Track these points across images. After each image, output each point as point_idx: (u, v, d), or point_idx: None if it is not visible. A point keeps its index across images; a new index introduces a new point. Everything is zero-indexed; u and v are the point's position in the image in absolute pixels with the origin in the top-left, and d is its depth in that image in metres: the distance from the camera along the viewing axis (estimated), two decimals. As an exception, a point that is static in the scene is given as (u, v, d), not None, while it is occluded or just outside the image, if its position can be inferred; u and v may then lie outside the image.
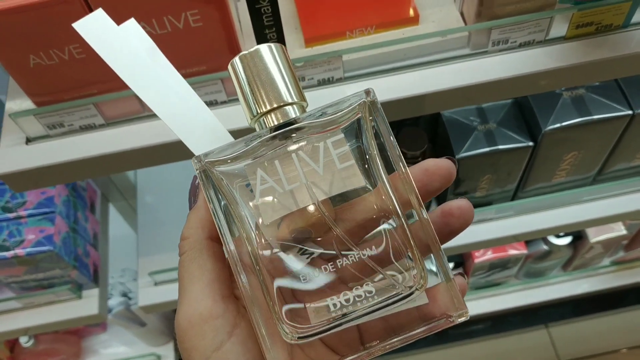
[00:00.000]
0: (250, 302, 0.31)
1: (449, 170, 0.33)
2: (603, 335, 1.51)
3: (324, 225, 0.32)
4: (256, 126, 0.34)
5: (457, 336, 1.49)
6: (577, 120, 0.80)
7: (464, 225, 0.33)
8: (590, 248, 1.23)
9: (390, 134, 0.33)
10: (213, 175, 0.32)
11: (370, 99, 0.33)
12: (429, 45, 0.62)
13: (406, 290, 0.31)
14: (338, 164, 0.32)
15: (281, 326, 0.31)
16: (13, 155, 0.61)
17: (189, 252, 0.33)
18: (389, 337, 0.32)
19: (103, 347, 1.35)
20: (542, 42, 0.62)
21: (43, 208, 0.87)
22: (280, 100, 0.33)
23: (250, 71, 0.33)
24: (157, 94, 0.34)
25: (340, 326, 0.31)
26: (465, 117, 0.84)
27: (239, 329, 0.33)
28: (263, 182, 0.32)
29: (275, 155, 0.32)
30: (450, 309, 0.32)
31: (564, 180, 0.93)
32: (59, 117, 0.60)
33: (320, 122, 0.32)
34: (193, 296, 0.32)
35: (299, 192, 0.32)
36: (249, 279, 0.32)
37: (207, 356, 0.32)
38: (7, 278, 0.90)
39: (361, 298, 0.31)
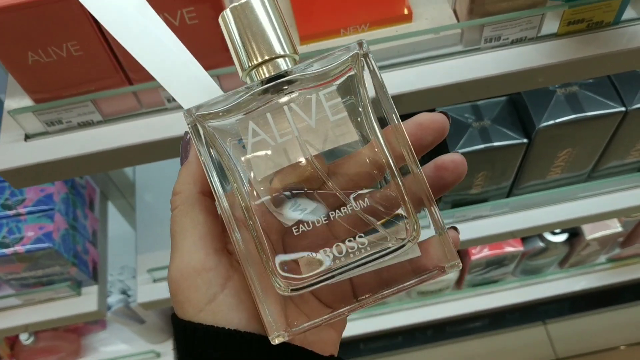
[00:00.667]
0: (243, 256, 0.31)
1: (442, 124, 0.33)
2: (600, 332, 1.52)
3: (317, 180, 0.32)
4: (247, 80, 0.33)
5: (454, 333, 1.50)
6: (571, 117, 0.81)
7: (457, 179, 0.33)
8: (587, 245, 1.24)
9: (383, 86, 0.33)
10: (205, 129, 0.32)
11: (363, 50, 0.33)
12: (422, 42, 0.62)
13: (399, 242, 0.31)
14: (331, 117, 0.32)
15: (274, 279, 0.31)
16: (12, 151, 0.62)
17: (181, 207, 0.33)
18: (382, 290, 0.32)
19: (103, 345, 1.36)
20: (534, 39, 0.63)
21: (42, 205, 0.88)
22: (272, 53, 0.32)
23: (242, 23, 0.32)
24: (146, 48, 0.34)
25: (333, 278, 0.31)
26: (459, 114, 0.85)
27: (231, 281, 0.33)
28: (255, 135, 0.32)
29: (267, 109, 0.32)
30: (442, 261, 0.32)
31: (559, 177, 0.93)
32: (57, 114, 0.61)
33: (312, 75, 0.32)
34: (185, 249, 0.32)
35: (292, 147, 0.32)
36: (242, 233, 0.32)
37: (200, 308, 0.32)
38: (6, 275, 0.91)
39: (354, 250, 0.31)
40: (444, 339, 1.50)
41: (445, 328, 1.49)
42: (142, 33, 0.34)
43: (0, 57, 0.55)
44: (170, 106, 0.62)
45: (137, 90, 0.60)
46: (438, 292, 1.34)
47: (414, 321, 1.39)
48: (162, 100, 0.61)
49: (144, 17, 0.35)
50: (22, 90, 0.63)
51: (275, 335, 0.31)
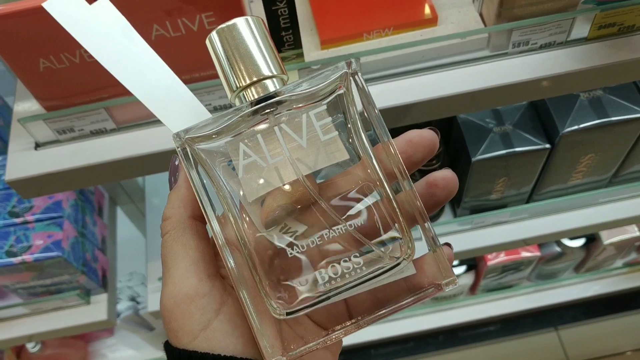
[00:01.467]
0: (237, 280, 0.31)
1: (432, 141, 0.33)
2: (613, 337, 1.50)
3: (309, 201, 0.32)
4: (236, 101, 0.33)
5: (466, 339, 1.48)
6: (595, 122, 0.78)
7: (448, 195, 0.33)
8: (603, 250, 1.22)
9: (373, 104, 0.32)
10: (194, 152, 0.31)
11: (351, 70, 0.32)
12: (448, 47, 0.60)
13: (393, 261, 0.31)
14: (321, 136, 0.31)
15: (269, 302, 0.31)
16: (22, 160, 0.60)
17: (171, 232, 0.33)
18: (377, 310, 0.32)
19: (110, 352, 1.34)
20: (563, 43, 0.61)
21: (51, 213, 0.86)
22: (260, 74, 0.32)
23: (229, 45, 0.32)
24: (132, 73, 0.34)
25: (328, 299, 0.31)
26: (481, 119, 0.83)
27: (226, 306, 0.32)
28: (246, 157, 0.31)
29: (257, 131, 0.31)
30: (437, 278, 0.32)
31: (580, 182, 0.91)
32: (69, 121, 0.58)
33: (301, 95, 0.32)
34: (178, 275, 0.32)
35: (283, 168, 0.31)
36: (235, 256, 0.31)
37: (195, 335, 0.31)
38: (14, 284, 0.89)
39: (349, 270, 0.31)
40: (456, 344, 1.48)
41: (458, 333, 1.47)
42: (127, 57, 0.34)
43: (11, 64, 0.53)
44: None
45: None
46: (452, 297, 1.32)
47: (427, 327, 1.37)
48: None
49: (130, 40, 0.34)
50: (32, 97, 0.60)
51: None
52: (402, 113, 0.60)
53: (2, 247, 0.83)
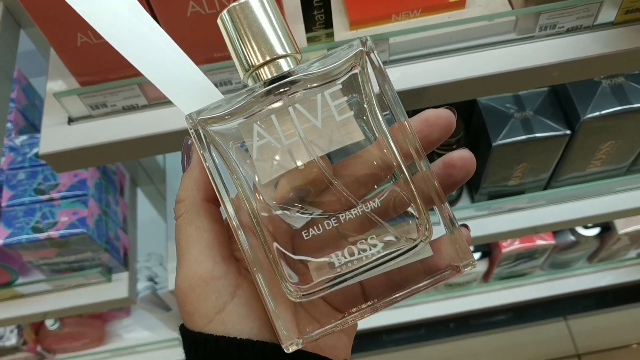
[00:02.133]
0: (252, 262, 0.30)
1: (449, 120, 0.32)
2: (622, 330, 1.51)
3: (323, 182, 0.31)
4: (249, 81, 0.33)
5: (477, 327, 1.49)
6: (617, 109, 0.79)
7: (466, 176, 0.33)
8: (618, 240, 1.22)
9: (389, 83, 0.32)
10: (207, 134, 0.31)
11: (366, 48, 0.32)
12: (475, 29, 0.61)
13: (410, 242, 0.31)
14: (336, 116, 0.31)
15: (285, 285, 0.30)
16: (55, 135, 0.61)
17: (185, 215, 0.33)
18: (393, 292, 0.31)
19: (126, 332, 1.35)
20: (590, 27, 0.61)
21: (76, 190, 0.87)
22: (273, 53, 0.31)
23: (241, 24, 0.32)
24: (142, 53, 0.33)
25: (344, 282, 0.30)
26: (501, 104, 0.83)
27: (241, 289, 0.32)
28: (260, 138, 0.31)
29: (271, 111, 0.31)
30: (455, 260, 0.32)
31: (598, 170, 0.92)
32: (103, 97, 0.59)
33: (316, 75, 0.31)
34: (192, 259, 0.32)
35: (297, 150, 0.31)
36: (249, 239, 0.31)
37: (210, 318, 0.31)
38: (38, 260, 0.91)
39: (365, 252, 0.30)
40: (467, 332, 1.49)
41: (469, 321, 1.48)
42: (137, 38, 0.33)
43: (49, 38, 0.54)
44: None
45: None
46: (465, 284, 1.33)
47: (439, 313, 1.38)
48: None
49: (139, 20, 0.34)
50: (64, 74, 0.62)
51: (288, 344, 0.30)
52: (429, 94, 0.61)
53: (28, 223, 0.85)
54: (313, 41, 0.59)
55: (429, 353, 1.49)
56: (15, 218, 0.85)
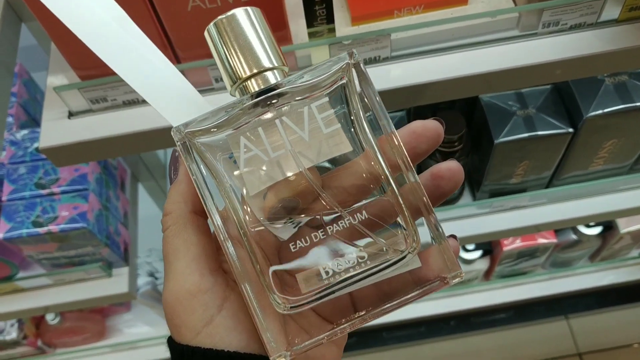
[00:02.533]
0: (240, 274, 0.30)
1: (436, 132, 0.33)
2: (624, 329, 1.50)
3: (311, 194, 0.31)
4: (237, 94, 0.33)
5: (478, 325, 1.49)
6: (620, 107, 0.78)
7: (454, 187, 0.33)
8: (620, 239, 1.22)
9: (376, 95, 0.32)
10: (195, 146, 0.31)
11: (353, 60, 0.32)
12: (478, 25, 0.60)
13: (398, 254, 0.31)
14: (324, 129, 0.31)
15: (273, 296, 0.30)
16: (55, 129, 0.61)
17: (172, 227, 0.33)
18: (383, 303, 0.32)
19: (127, 327, 1.36)
20: (594, 24, 0.61)
21: (76, 185, 0.87)
22: (260, 66, 0.32)
23: (228, 37, 0.32)
24: (129, 65, 0.33)
25: (333, 293, 0.31)
26: (504, 102, 0.83)
27: (228, 302, 0.32)
28: (247, 151, 0.31)
29: (258, 123, 0.31)
30: (443, 271, 0.32)
31: (601, 168, 0.91)
32: (103, 91, 0.59)
33: (303, 87, 0.31)
34: (179, 272, 0.32)
35: (285, 161, 0.31)
36: (237, 251, 0.31)
37: (198, 331, 0.31)
38: (38, 254, 0.91)
39: (353, 264, 0.31)
40: (468, 330, 1.49)
41: (470, 319, 1.48)
42: (125, 49, 0.33)
43: (50, 31, 0.54)
44: (217, 86, 0.61)
45: (185, 69, 0.59)
46: (467, 282, 1.33)
47: (440, 311, 1.38)
48: (210, 80, 0.60)
49: (127, 32, 0.33)
50: (64, 68, 0.61)
51: (277, 356, 0.30)
52: (431, 91, 0.60)
53: (28, 217, 0.85)
54: (314, 36, 0.59)
55: (430, 351, 1.49)
56: (15, 212, 0.85)
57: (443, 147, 0.83)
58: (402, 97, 0.61)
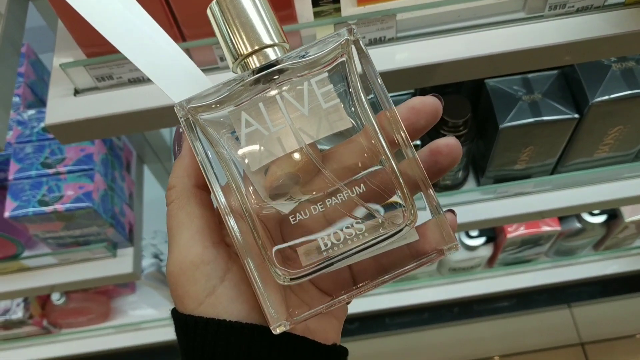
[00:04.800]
0: (241, 247, 0.31)
1: (435, 107, 0.33)
2: (626, 319, 1.50)
3: (312, 169, 0.32)
4: (239, 70, 0.33)
5: (481, 312, 1.49)
6: (626, 93, 0.78)
7: (452, 163, 0.33)
8: (625, 228, 1.22)
9: (375, 72, 0.32)
10: (198, 122, 0.32)
11: (353, 37, 0.32)
12: (484, 7, 0.60)
13: (396, 227, 0.31)
14: (323, 104, 0.32)
15: (273, 269, 0.31)
16: (61, 106, 0.61)
17: (176, 201, 0.33)
18: (381, 276, 0.32)
19: (131, 309, 1.37)
20: (601, 7, 0.61)
21: (82, 165, 0.88)
22: (261, 43, 0.32)
23: (229, 14, 0.32)
24: (132, 43, 0.34)
25: (332, 265, 0.31)
26: (509, 86, 0.83)
27: (231, 273, 0.33)
28: (248, 126, 0.32)
29: (259, 99, 0.32)
30: (440, 244, 0.32)
31: (606, 155, 0.91)
32: (109, 69, 0.60)
33: (303, 63, 0.32)
34: (183, 243, 0.32)
35: (286, 137, 0.32)
36: (239, 225, 0.31)
37: (200, 301, 0.32)
38: (44, 233, 0.91)
39: (352, 236, 0.31)
40: (470, 317, 1.50)
41: (472, 306, 1.48)
42: (129, 28, 0.34)
43: (56, 7, 0.54)
44: (222, 65, 0.61)
45: (190, 47, 0.59)
46: (470, 269, 1.33)
47: (443, 298, 1.38)
48: (215, 59, 0.60)
49: (131, 12, 0.34)
50: (70, 47, 0.62)
51: (276, 325, 0.31)
52: (436, 72, 0.60)
53: (34, 196, 0.85)
54: (320, 16, 0.59)
55: (432, 337, 1.50)
56: (22, 191, 0.86)
57: (448, 131, 0.83)
58: (406, 79, 0.61)
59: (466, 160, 0.91)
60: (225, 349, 0.31)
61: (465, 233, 1.23)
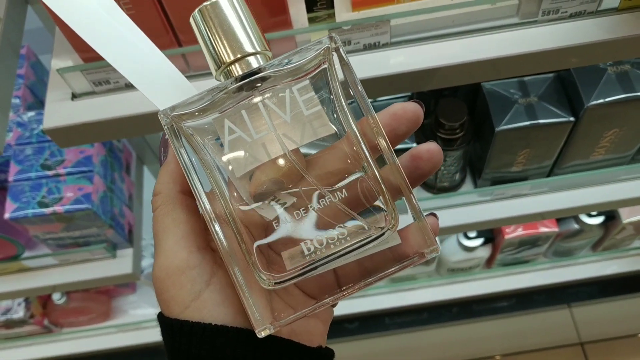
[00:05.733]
0: (226, 252, 0.32)
1: (416, 114, 0.34)
2: (626, 319, 1.50)
3: (295, 175, 0.33)
4: (222, 78, 0.34)
5: (480, 312, 1.49)
6: (621, 97, 0.78)
7: (432, 168, 0.34)
8: (622, 229, 1.22)
9: (355, 79, 0.33)
10: (182, 130, 0.32)
11: (334, 44, 0.33)
12: (478, 12, 0.61)
13: (378, 231, 0.32)
14: (305, 111, 0.32)
15: (258, 273, 0.31)
16: (59, 110, 0.62)
17: (162, 207, 0.34)
18: (364, 279, 0.33)
19: (132, 308, 1.38)
20: (594, 12, 0.61)
21: (81, 167, 0.88)
22: (243, 51, 0.33)
23: (212, 22, 0.33)
24: (116, 50, 0.34)
25: (316, 269, 0.32)
26: (506, 89, 0.83)
27: (216, 278, 0.33)
28: (231, 133, 0.32)
29: (242, 107, 0.32)
30: (422, 247, 0.33)
31: (602, 158, 0.91)
32: (106, 73, 0.60)
33: (285, 71, 0.32)
34: (168, 248, 0.33)
35: (269, 143, 0.32)
36: (224, 230, 0.32)
37: (186, 305, 0.32)
38: (44, 235, 0.92)
39: (334, 240, 0.32)
40: (469, 317, 1.50)
41: (472, 306, 1.48)
42: (112, 34, 0.34)
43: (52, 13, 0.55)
44: (218, 70, 0.61)
45: (186, 53, 0.60)
46: (468, 270, 1.34)
47: (442, 298, 1.38)
48: (211, 64, 0.61)
49: (114, 18, 0.35)
50: (68, 51, 0.62)
51: (261, 329, 0.31)
52: (430, 77, 0.61)
53: (34, 198, 0.86)
54: (314, 22, 0.59)
55: (431, 337, 1.50)
56: (22, 192, 0.87)
57: (445, 134, 0.84)
58: (400, 84, 0.61)
59: (463, 162, 0.91)
60: (211, 352, 0.32)
61: (463, 234, 1.23)
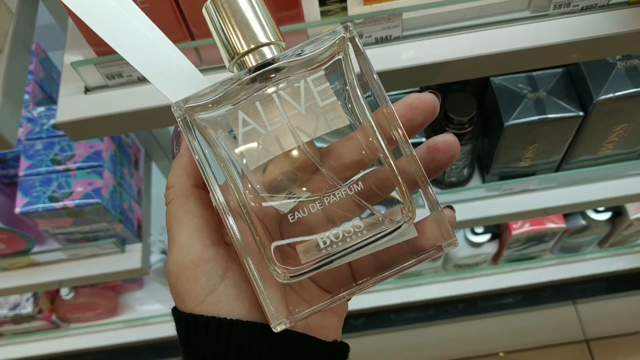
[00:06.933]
0: (241, 246, 0.31)
1: (432, 104, 0.33)
2: (631, 316, 1.50)
3: (310, 167, 0.32)
4: (235, 69, 0.33)
5: (486, 308, 1.50)
6: (631, 91, 0.78)
7: (449, 160, 0.33)
8: (629, 225, 1.22)
9: (371, 69, 0.32)
10: (195, 122, 0.32)
11: (349, 34, 0.32)
12: (489, 6, 0.61)
13: (394, 224, 0.31)
14: (320, 102, 0.32)
15: (273, 267, 0.31)
16: (72, 104, 0.62)
17: (175, 200, 0.33)
18: (380, 272, 0.32)
19: (139, 304, 1.38)
20: (605, 6, 0.61)
21: (91, 161, 0.89)
22: (257, 41, 0.32)
23: (225, 13, 0.32)
24: (128, 42, 0.34)
25: (331, 263, 0.31)
26: (515, 84, 0.83)
27: (230, 272, 0.33)
28: (245, 125, 0.31)
29: (256, 98, 0.32)
30: (439, 240, 0.32)
31: (611, 153, 0.91)
32: (119, 67, 0.60)
33: (299, 61, 0.32)
34: (182, 242, 0.32)
35: (283, 135, 0.32)
36: (238, 224, 0.31)
37: (201, 300, 0.32)
38: (54, 229, 0.93)
39: (350, 234, 0.31)
40: (475, 313, 1.50)
41: (478, 303, 1.49)
42: (124, 27, 0.34)
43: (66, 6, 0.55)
44: (230, 64, 0.62)
45: (199, 46, 0.60)
46: (475, 266, 1.34)
47: (448, 294, 1.39)
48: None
49: (126, 10, 0.34)
50: (80, 45, 0.62)
51: (277, 323, 0.31)
52: (441, 71, 0.61)
53: (45, 193, 0.86)
54: (327, 15, 0.59)
55: (437, 333, 1.50)
56: (32, 187, 0.87)
57: (453, 128, 0.84)
58: (412, 77, 0.61)
59: (471, 157, 0.92)
60: (226, 347, 0.31)
61: (470, 230, 1.23)
